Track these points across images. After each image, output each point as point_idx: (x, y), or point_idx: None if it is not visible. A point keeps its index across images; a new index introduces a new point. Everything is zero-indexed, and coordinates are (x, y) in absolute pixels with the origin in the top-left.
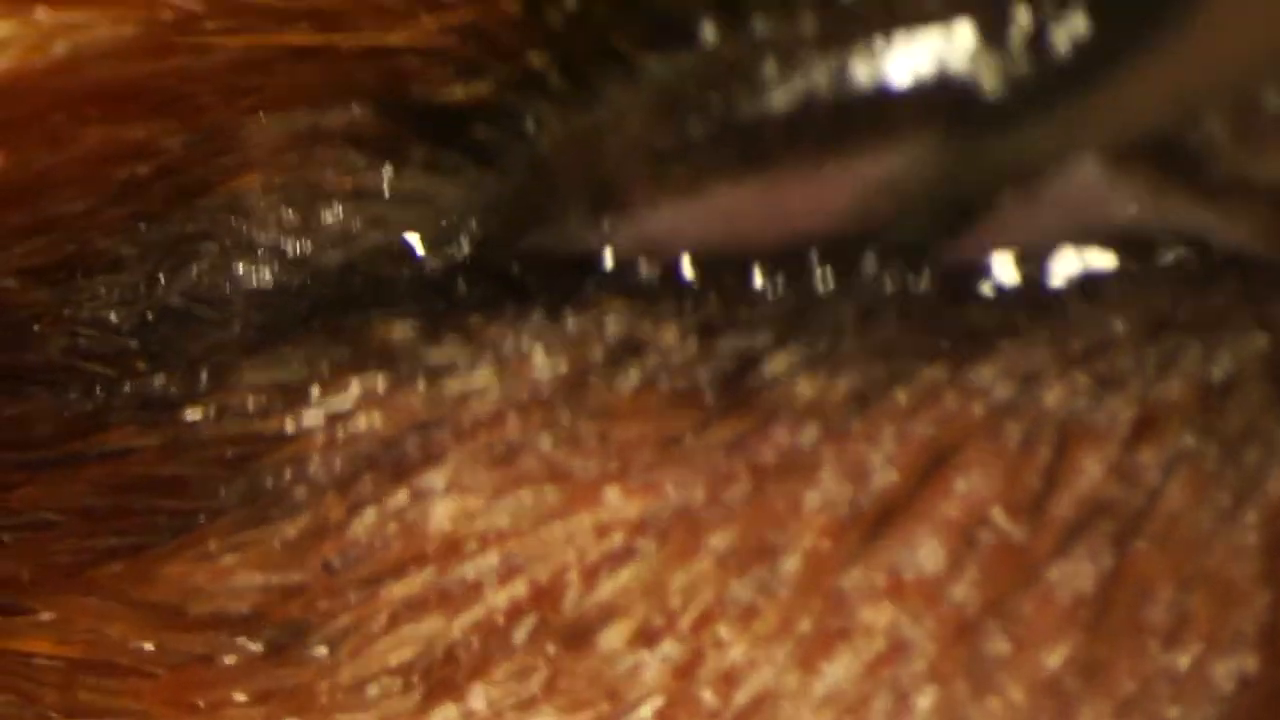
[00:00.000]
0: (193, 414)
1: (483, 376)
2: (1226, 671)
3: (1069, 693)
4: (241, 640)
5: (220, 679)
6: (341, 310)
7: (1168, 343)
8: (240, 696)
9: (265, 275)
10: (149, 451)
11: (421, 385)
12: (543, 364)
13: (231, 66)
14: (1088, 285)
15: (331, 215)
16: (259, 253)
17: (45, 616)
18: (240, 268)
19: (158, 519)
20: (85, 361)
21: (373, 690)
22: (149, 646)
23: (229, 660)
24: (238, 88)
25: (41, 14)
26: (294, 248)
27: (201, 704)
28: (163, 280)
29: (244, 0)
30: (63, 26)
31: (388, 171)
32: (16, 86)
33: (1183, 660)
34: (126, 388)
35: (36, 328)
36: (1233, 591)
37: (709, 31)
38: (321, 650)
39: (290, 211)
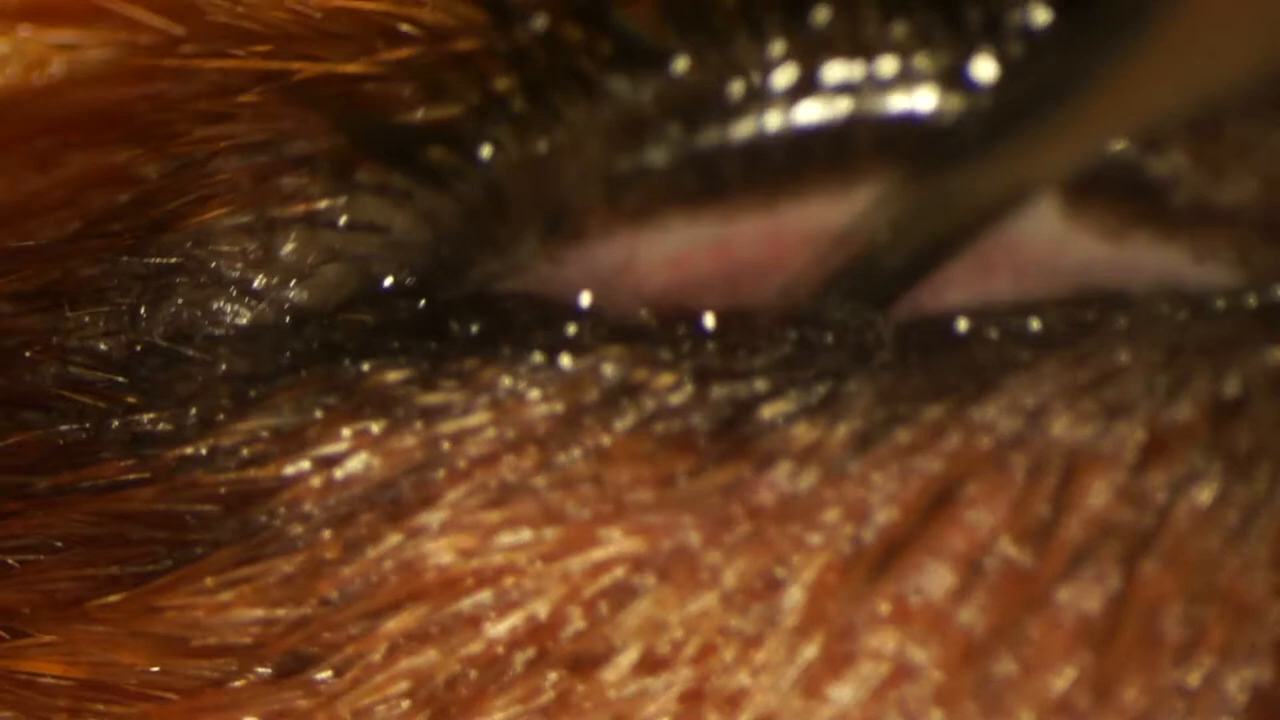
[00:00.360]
0: (184, 453)
1: (478, 418)
2: (1240, 684)
3: (1081, 712)
4: (248, 665)
5: (229, 703)
6: (331, 357)
7: (1179, 368)
8: (249, 719)
9: (243, 313)
10: (141, 487)
11: (418, 428)
12: (539, 406)
13: (205, 92)
14: (1087, 325)
15: (291, 247)
16: (231, 289)
17: (49, 639)
18: (216, 305)
19: (156, 549)
20: (75, 392)
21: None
22: (156, 670)
23: (237, 684)
24: (207, 114)
25: (27, 36)
26: (263, 282)
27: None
28: (144, 314)
29: (221, 23)
30: (48, 49)
31: (340, 200)
32: (4, 108)
33: (1194, 675)
34: (116, 422)
35: (28, 354)
36: (1245, 607)
37: (678, 57)
38: (327, 674)
39: (253, 244)
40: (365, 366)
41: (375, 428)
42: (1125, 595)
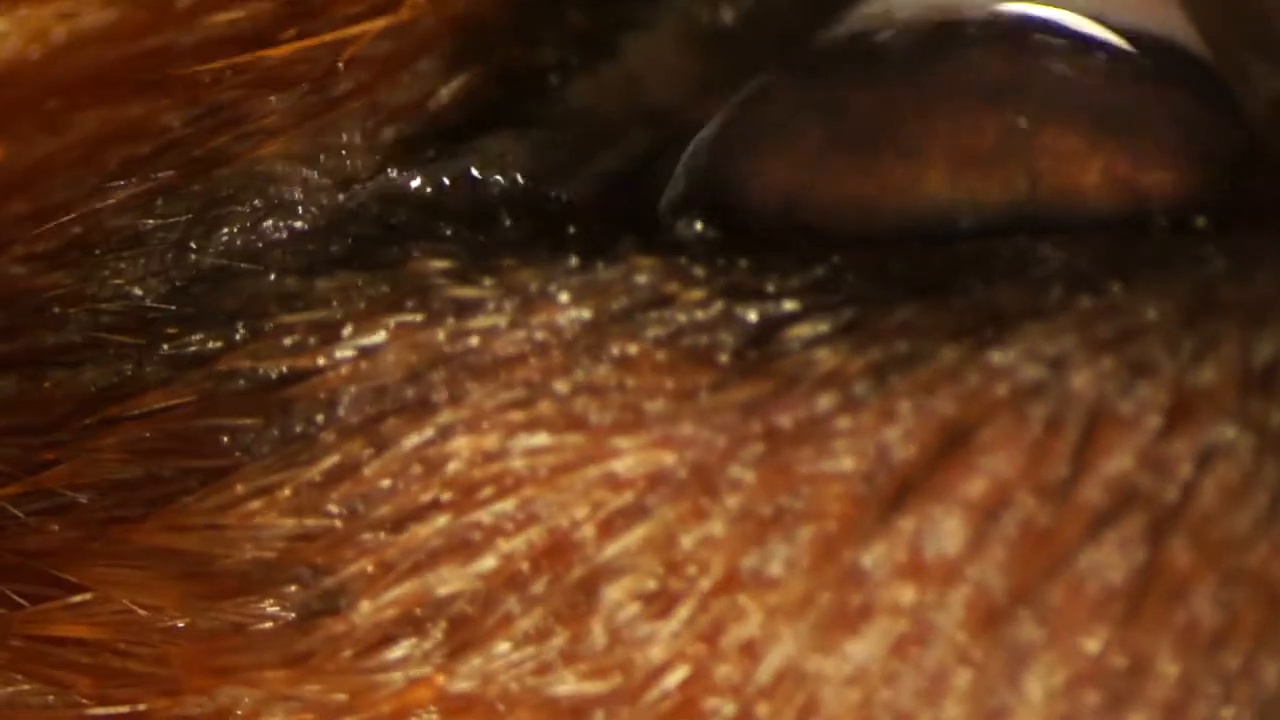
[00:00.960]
0: (228, 364)
1: (509, 318)
2: (1277, 676)
3: (1107, 685)
4: (269, 606)
5: (249, 645)
6: (381, 245)
7: (1205, 328)
8: (269, 661)
9: (300, 225)
10: (182, 408)
11: (450, 323)
12: (568, 310)
13: (227, 40)
14: (1123, 269)
15: (363, 165)
16: (292, 207)
17: (76, 599)
18: (274, 223)
19: (189, 480)
20: (112, 334)
21: (396, 652)
22: (179, 623)
23: (258, 627)
24: (236, 63)
25: (26, 13)
26: (327, 198)
27: (230, 668)
28: (194, 247)
29: None
30: (50, 16)
31: (420, 123)
32: (10, 77)
33: (1229, 660)
34: (158, 352)
35: (56, 310)
36: (1277, 590)
37: None
38: (347, 610)
39: (318, 168)
40: (411, 252)
41: (411, 319)
42: (1151, 569)
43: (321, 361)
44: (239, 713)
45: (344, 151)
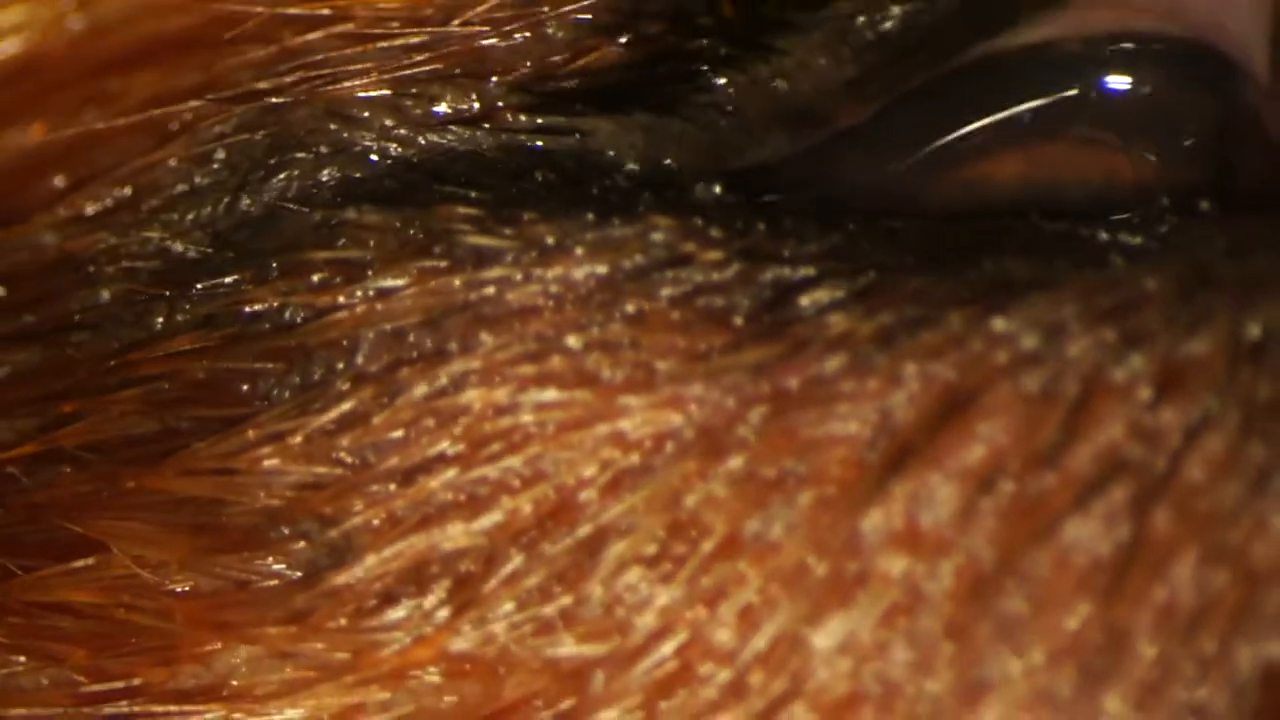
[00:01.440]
0: (255, 303)
1: (525, 270)
2: (1252, 657)
3: (1085, 655)
4: (275, 563)
5: (252, 601)
6: (417, 190)
7: (1200, 302)
8: (271, 617)
9: (357, 172)
10: (206, 352)
11: (468, 270)
12: (584, 264)
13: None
14: (1124, 241)
15: (445, 104)
16: (360, 155)
17: (78, 564)
18: (335, 169)
19: (205, 430)
20: (146, 288)
21: (399, 610)
22: (184, 585)
23: (262, 584)
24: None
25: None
26: (396, 147)
27: (232, 624)
28: (247, 194)
29: None
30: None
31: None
32: (48, 59)
33: (1206, 640)
34: (189, 299)
35: (91, 269)
36: (1258, 572)
37: None
38: (351, 565)
39: (400, 117)
40: (441, 198)
41: (432, 265)
42: (1135, 540)
43: (343, 300)
44: (234, 683)
45: (436, 103)
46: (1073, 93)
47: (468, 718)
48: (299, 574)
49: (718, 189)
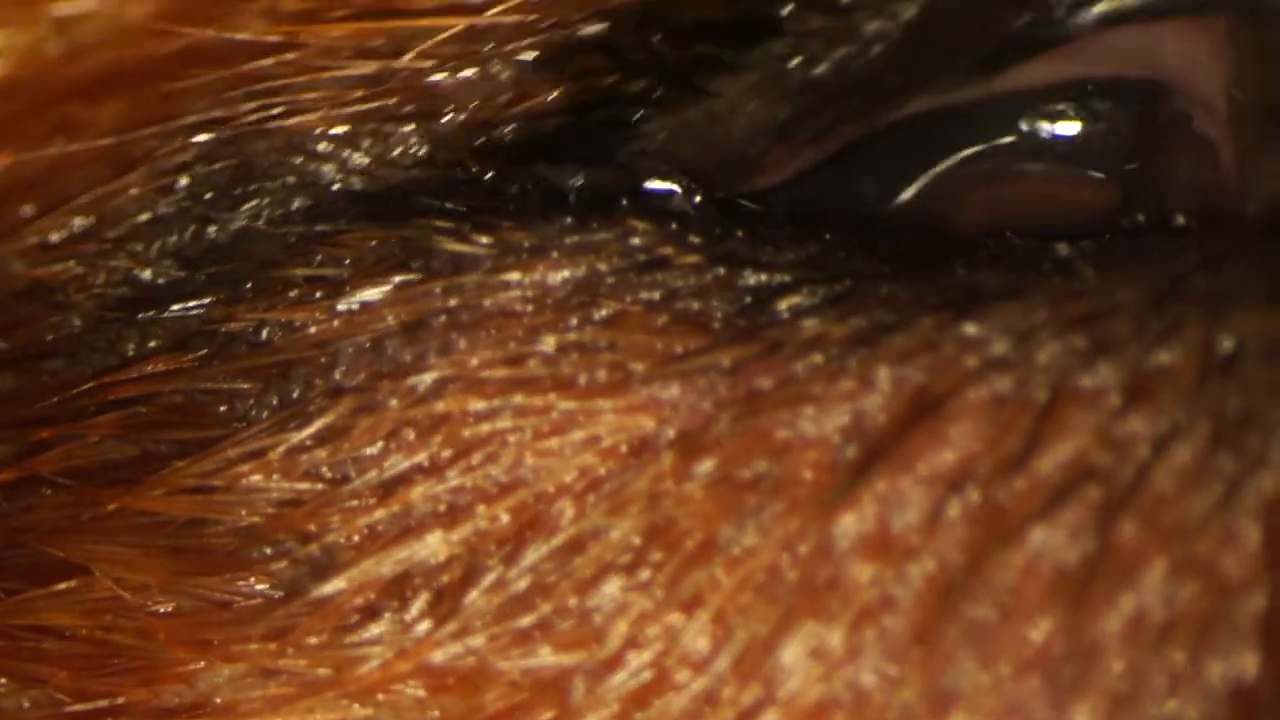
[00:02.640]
0: (231, 324)
1: (503, 272)
2: (1223, 670)
3: (1053, 665)
4: (256, 582)
5: (234, 620)
6: (391, 203)
7: (1171, 313)
8: (253, 635)
9: (325, 199)
10: (182, 375)
11: (446, 280)
12: (561, 268)
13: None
14: (1096, 253)
15: (401, 142)
16: (324, 185)
17: (60, 587)
18: (302, 197)
19: (184, 452)
20: (116, 314)
21: (379, 624)
22: (165, 606)
23: (243, 603)
24: (279, 45)
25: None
26: (359, 180)
27: (214, 643)
28: (214, 222)
29: None
30: (66, 20)
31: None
32: (19, 84)
33: (1174, 652)
34: (162, 323)
35: (60, 298)
36: (1227, 584)
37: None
38: (333, 581)
39: (361, 150)
40: (417, 210)
41: (409, 277)
42: (1102, 548)
43: (320, 316)
44: (218, 700)
45: (390, 139)
46: (1008, 140)
47: None
48: (280, 592)
49: (698, 197)
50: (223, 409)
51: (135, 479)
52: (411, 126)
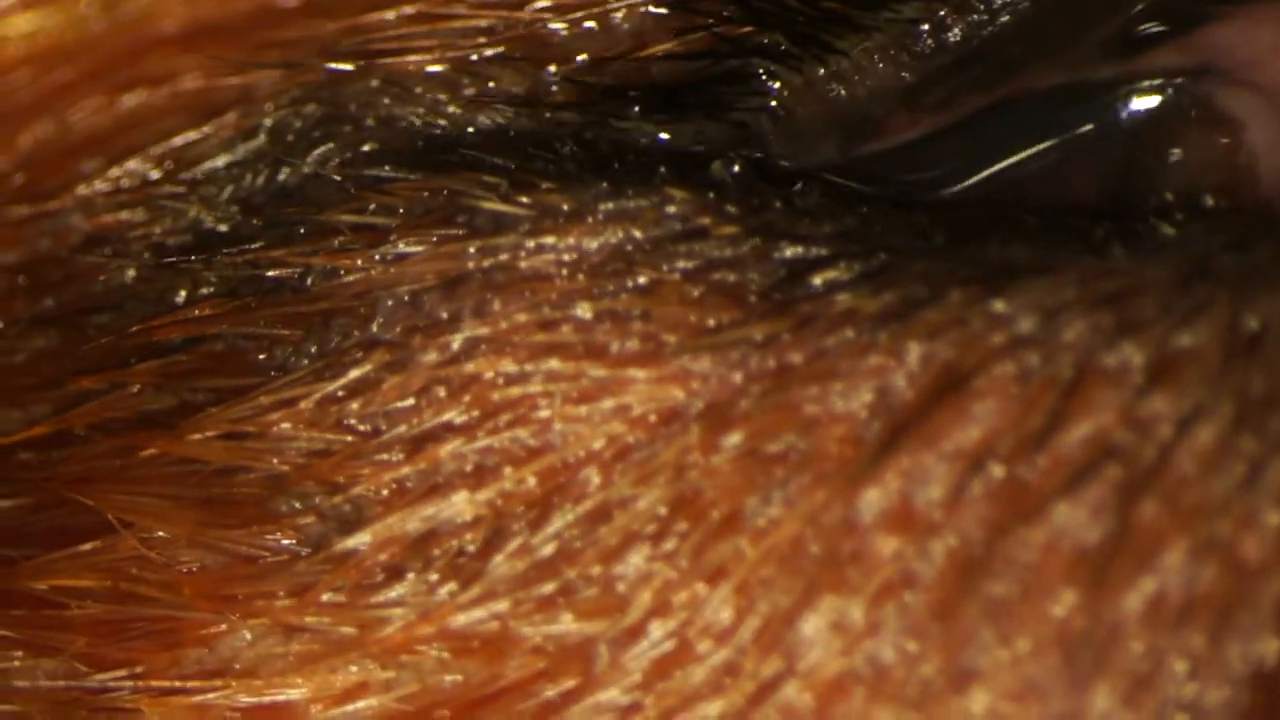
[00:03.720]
0: (277, 270)
1: (540, 234)
2: (1243, 653)
3: (1073, 644)
4: (283, 537)
5: (259, 574)
6: (444, 154)
7: (1198, 293)
8: (278, 590)
9: (393, 143)
10: (225, 317)
11: (484, 238)
12: (598, 233)
13: None
14: (1126, 232)
15: (500, 91)
16: (400, 126)
17: (85, 547)
18: (374, 142)
19: (221, 396)
20: (169, 259)
21: (404, 584)
22: (190, 566)
23: (270, 559)
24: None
25: None
26: (440, 120)
27: (239, 598)
28: (287, 165)
29: None
30: None
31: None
32: (95, 37)
33: (1194, 634)
34: (213, 271)
35: (120, 246)
36: (1248, 566)
37: None
38: (359, 537)
39: (447, 90)
40: (461, 169)
41: (450, 232)
42: (1123, 527)
43: (362, 264)
44: (238, 665)
45: (491, 83)
46: (1089, 127)
47: (471, 696)
48: (306, 548)
49: (736, 167)
50: (262, 357)
51: (170, 426)
52: (516, 72)
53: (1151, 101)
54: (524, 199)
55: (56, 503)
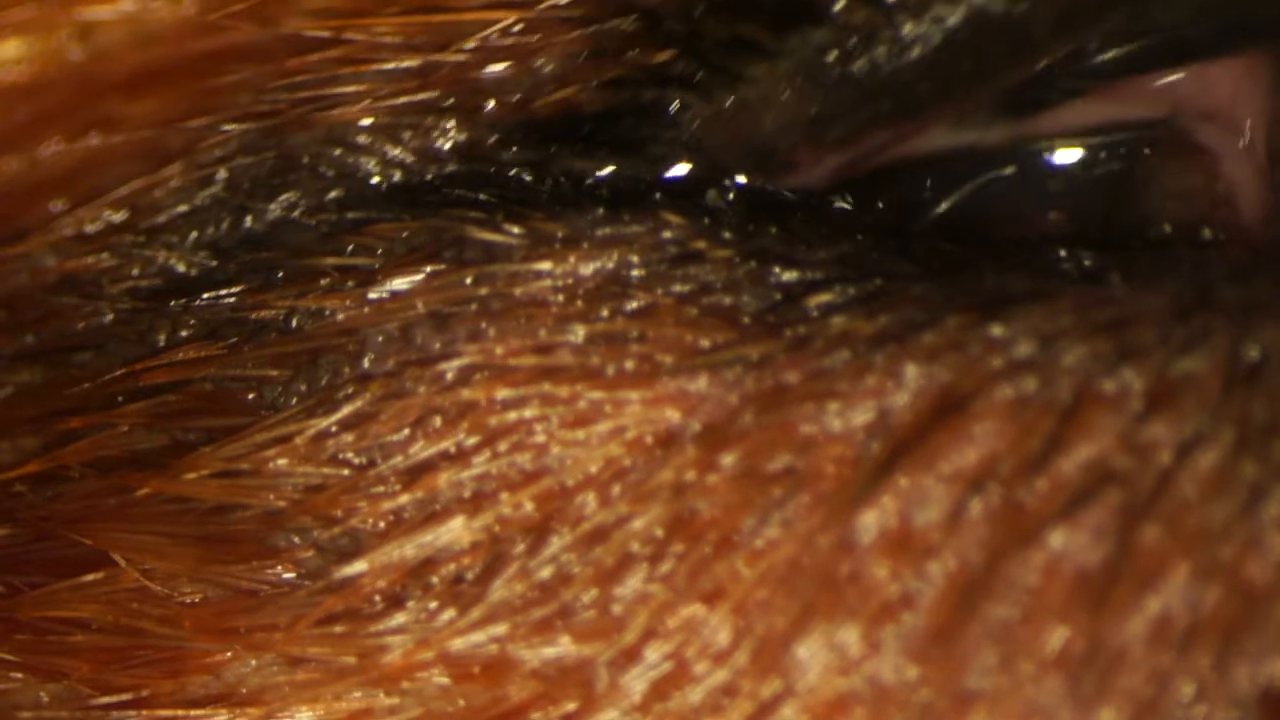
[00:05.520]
0: (262, 311)
1: (534, 262)
2: (1251, 674)
3: (1076, 668)
4: (282, 570)
5: (259, 607)
6: (430, 193)
7: (1197, 322)
8: (279, 623)
9: (362, 186)
10: (211, 362)
11: (477, 269)
12: (593, 259)
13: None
14: (1124, 263)
15: (441, 135)
16: (359, 173)
17: (87, 578)
18: (337, 189)
19: (213, 436)
20: (149, 304)
21: (403, 613)
22: (192, 597)
23: (270, 591)
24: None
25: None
26: (399, 173)
27: (239, 631)
28: (250, 212)
29: None
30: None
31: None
32: (50, 81)
33: (1200, 656)
34: (194, 313)
35: (91, 291)
36: (1252, 589)
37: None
38: (357, 568)
39: (399, 146)
40: (447, 206)
41: (439, 267)
42: (1123, 551)
43: (350, 304)
44: (243, 691)
45: (431, 132)
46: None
47: None
48: (306, 580)
49: (731, 195)
50: (251, 396)
51: (164, 466)
52: (452, 120)
53: (1073, 154)
54: (515, 229)
55: (55, 534)
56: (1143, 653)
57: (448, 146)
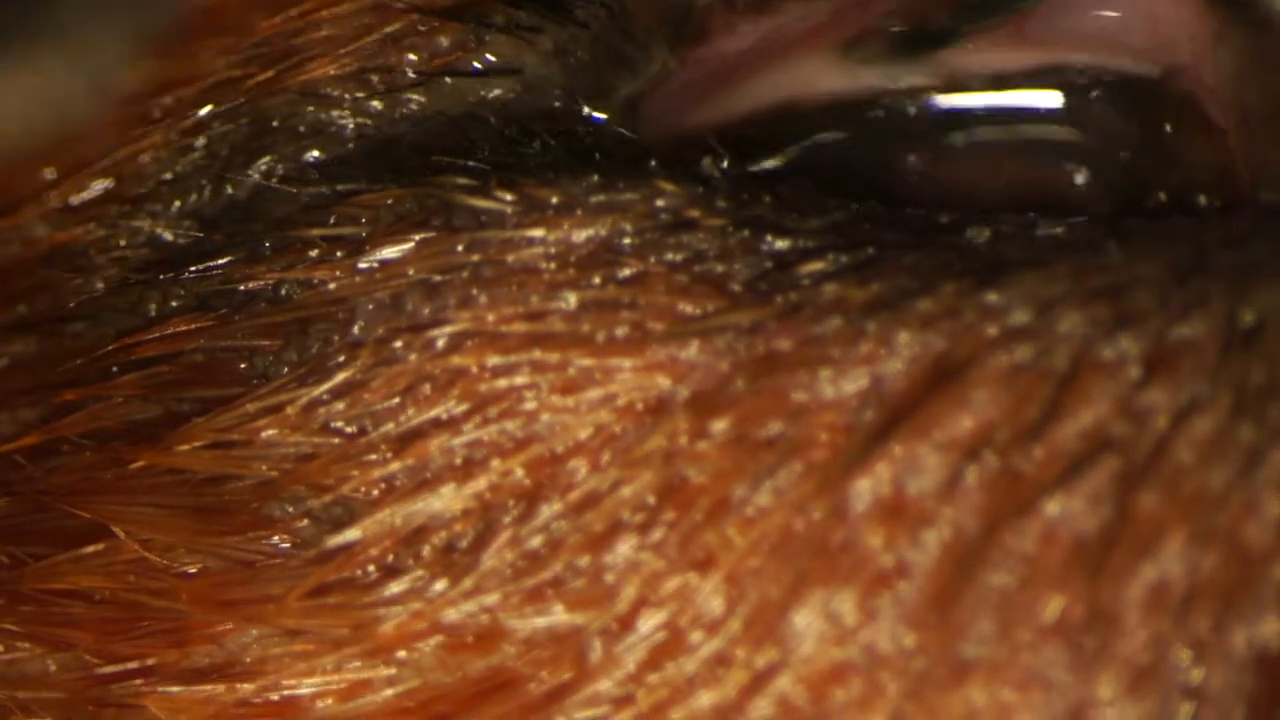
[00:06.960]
0: (251, 282)
1: (527, 228)
2: (1248, 637)
3: (1074, 634)
4: (278, 540)
5: (256, 579)
6: (412, 162)
7: (1194, 286)
8: (276, 594)
9: (340, 148)
10: (203, 333)
11: (468, 235)
12: (586, 225)
13: None
14: (1120, 229)
15: (415, 93)
16: (336, 131)
17: (87, 550)
18: (318, 149)
19: (206, 406)
20: (138, 275)
21: (396, 582)
22: (191, 567)
23: (264, 562)
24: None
25: None
26: (372, 121)
27: (239, 602)
28: (230, 179)
29: None
30: None
31: (471, 43)
32: None
33: (1198, 620)
34: (183, 283)
35: (82, 262)
36: (1250, 553)
37: None
38: (350, 537)
39: (369, 92)
40: (438, 172)
41: (430, 235)
42: (1121, 517)
43: (340, 274)
44: (247, 660)
45: (394, 70)
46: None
47: (470, 690)
48: (301, 550)
49: (725, 163)
50: (243, 366)
51: (158, 437)
52: (409, 49)
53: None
54: (507, 195)
55: (54, 506)
56: (1140, 618)
57: (412, 84)
